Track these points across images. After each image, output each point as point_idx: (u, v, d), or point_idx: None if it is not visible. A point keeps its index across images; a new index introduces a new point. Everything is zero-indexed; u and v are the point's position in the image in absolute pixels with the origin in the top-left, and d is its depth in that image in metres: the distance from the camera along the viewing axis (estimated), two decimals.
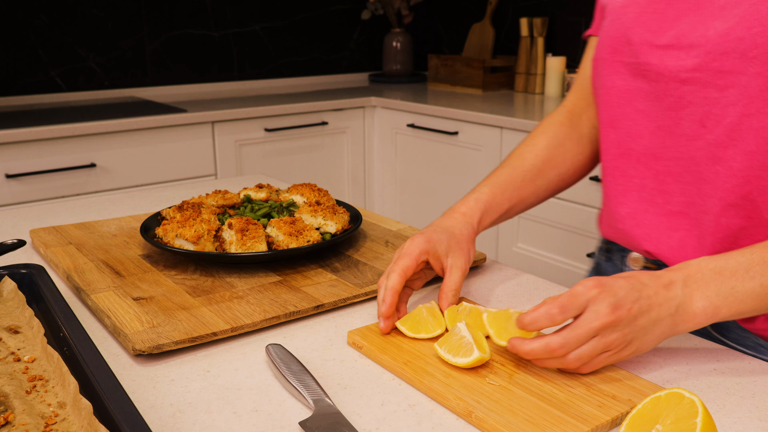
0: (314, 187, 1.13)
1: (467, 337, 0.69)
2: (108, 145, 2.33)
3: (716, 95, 0.76)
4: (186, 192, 1.42)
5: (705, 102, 0.77)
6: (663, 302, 0.67)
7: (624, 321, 0.65)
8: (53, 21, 2.68)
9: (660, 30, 0.81)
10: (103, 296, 0.84)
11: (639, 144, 0.85)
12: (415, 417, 0.63)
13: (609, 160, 0.90)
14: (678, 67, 0.78)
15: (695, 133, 0.79)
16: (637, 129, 0.85)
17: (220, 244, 0.95)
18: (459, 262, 0.82)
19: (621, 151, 0.88)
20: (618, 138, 0.88)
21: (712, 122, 0.77)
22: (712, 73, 0.75)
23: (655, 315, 0.66)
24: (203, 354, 0.74)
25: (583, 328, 0.64)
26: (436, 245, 0.82)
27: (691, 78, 0.77)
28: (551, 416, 0.61)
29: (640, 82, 0.83)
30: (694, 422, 0.51)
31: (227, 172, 2.60)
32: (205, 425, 0.61)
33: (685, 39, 0.78)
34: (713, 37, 0.75)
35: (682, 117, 0.80)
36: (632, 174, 0.87)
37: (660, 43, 0.80)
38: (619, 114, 0.87)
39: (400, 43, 3.39)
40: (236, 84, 3.16)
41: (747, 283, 0.68)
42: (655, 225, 0.86)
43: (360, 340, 0.75)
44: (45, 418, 0.58)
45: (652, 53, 0.81)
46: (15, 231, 1.14)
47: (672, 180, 0.82)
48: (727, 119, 0.75)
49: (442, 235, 0.84)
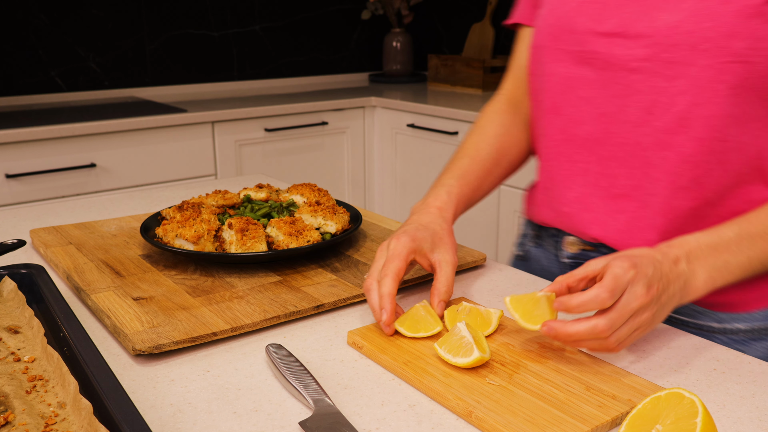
0: (314, 187, 1.13)
1: (467, 337, 0.69)
2: (108, 145, 2.33)
3: (665, 84, 0.80)
4: (186, 192, 1.42)
5: (653, 90, 0.81)
6: (675, 278, 0.71)
7: (654, 300, 0.69)
8: (53, 21, 2.68)
9: (602, 18, 0.83)
10: (103, 296, 0.84)
11: (583, 130, 0.88)
12: (415, 417, 0.63)
13: (553, 146, 0.93)
14: (627, 56, 0.81)
15: (642, 119, 0.82)
16: (581, 115, 0.88)
17: (220, 244, 0.95)
18: (447, 256, 0.83)
19: (565, 137, 0.91)
20: (562, 124, 0.91)
21: (660, 110, 0.81)
22: (662, 63, 0.79)
23: (671, 291, 0.71)
24: (203, 354, 0.74)
25: (625, 309, 0.67)
26: (422, 243, 0.83)
27: (640, 67, 0.81)
28: (551, 416, 0.61)
29: (584, 69, 0.86)
30: (694, 422, 0.51)
31: (227, 172, 2.60)
32: (205, 425, 0.61)
33: (630, 28, 0.81)
34: (662, 29, 0.78)
35: (628, 104, 0.83)
36: (577, 159, 0.90)
37: (603, 30, 0.83)
38: (563, 100, 0.90)
39: (400, 43, 3.39)
40: (236, 84, 3.16)
41: (738, 257, 0.75)
42: (602, 208, 0.89)
43: (360, 340, 0.75)
44: (45, 418, 0.58)
45: (597, 41, 0.84)
46: (15, 231, 1.14)
47: (617, 164, 0.86)
48: (676, 107, 0.79)
49: (425, 232, 0.84)
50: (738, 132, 0.79)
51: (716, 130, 0.79)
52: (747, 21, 0.74)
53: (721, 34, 0.75)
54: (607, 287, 0.66)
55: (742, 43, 0.75)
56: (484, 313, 0.78)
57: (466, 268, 0.98)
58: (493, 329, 0.76)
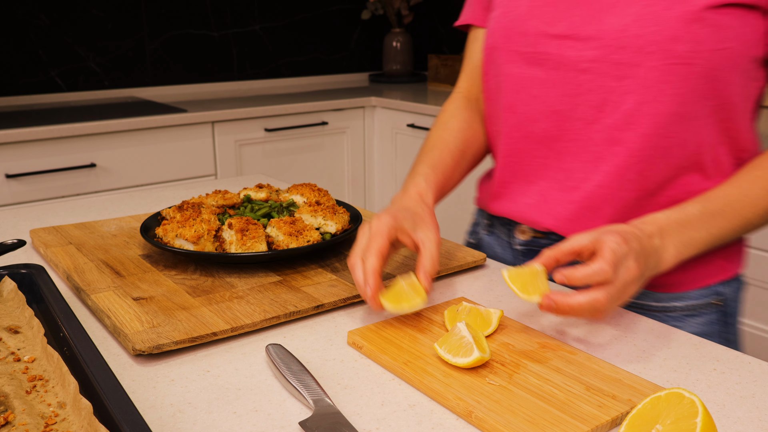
0: (314, 187, 1.13)
1: (467, 337, 0.69)
2: (108, 145, 2.33)
3: (614, 84, 0.85)
4: (186, 192, 1.42)
5: (603, 90, 0.86)
6: (652, 252, 0.77)
7: (642, 272, 0.74)
8: (53, 21, 2.68)
9: (553, 20, 0.88)
10: (103, 296, 0.84)
11: (538, 127, 0.93)
12: (415, 417, 0.63)
13: (511, 142, 0.97)
14: (578, 57, 0.86)
15: (593, 117, 0.87)
16: (535, 113, 0.92)
17: (220, 244, 0.95)
18: (429, 234, 0.84)
19: (522, 134, 0.95)
20: (518, 122, 0.95)
21: (610, 108, 0.86)
22: (611, 64, 0.84)
23: (650, 264, 0.76)
24: (203, 354, 0.74)
25: (622, 283, 0.71)
26: (403, 222, 0.84)
27: (590, 68, 0.86)
28: (551, 416, 0.61)
29: (537, 69, 0.91)
30: (694, 422, 0.51)
31: (227, 172, 2.60)
32: (205, 425, 0.61)
33: (580, 31, 0.86)
34: (610, 32, 0.83)
35: (579, 103, 0.88)
36: (535, 154, 0.95)
37: (554, 33, 0.88)
38: (517, 100, 0.94)
39: (400, 43, 3.39)
40: (236, 84, 3.16)
41: (701, 233, 0.81)
42: (557, 200, 0.94)
43: (360, 340, 0.75)
44: (45, 418, 0.58)
45: (549, 43, 0.88)
46: (15, 231, 1.14)
47: (571, 159, 0.91)
48: (624, 106, 0.85)
49: (406, 213, 0.86)
50: (680, 129, 0.85)
51: (661, 127, 0.84)
52: (688, 26, 0.79)
53: (665, 37, 0.80)
54: (610, 261, 0.70)
55: (684, 46, 0.80)
56: (484, 313, 0.78)
57: (466, 268, 0.98)
58: (493, 329, 0.76)
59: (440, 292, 0.91)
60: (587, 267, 0.70)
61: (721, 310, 0.93)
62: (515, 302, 0.88)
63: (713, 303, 0.92)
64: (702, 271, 0.91)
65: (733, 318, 0.95)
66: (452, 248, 1.02)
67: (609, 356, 0.74)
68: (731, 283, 0.94)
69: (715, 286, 0.93)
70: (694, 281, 0.92)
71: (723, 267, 0.92)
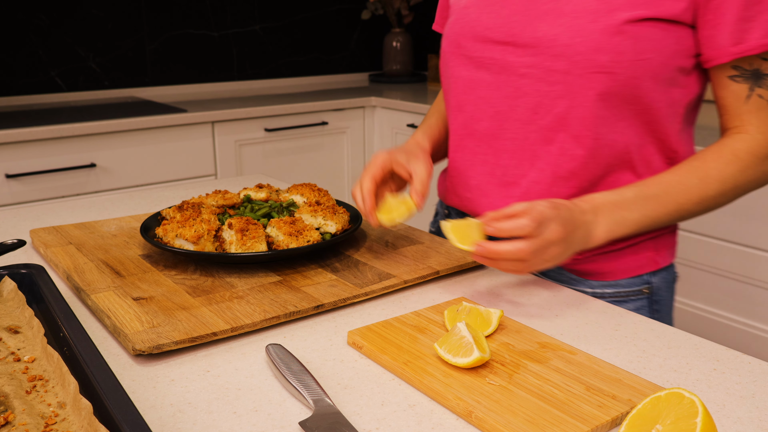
0: (314, 187, 1.13)
1: (467, 337, 0.69)
2: (108, 145, 2.33)
3: (547, 89, 0.92)
4: (186, 192, 1.42)
5: (537, 93, 0.93)
6: (582, 225, 0.86)
7: (565, 238, 0.82)
8: (53, 21, 2.68)
9: (496, 28, 0.96)
10: (103, 296, 0.84)
11: (481, 126, 1.00)
12: (415, 417, 0.63)
13: (457, 139, 1.05)
14: (517, 62, 0.94)
15: (529, 118, 0.95)
16: (480, 113, 1.00)
17: (220, 244, 0.95)
18: (421, 164, 0.98)
19: (467, 132, 1.03)
20: (464, 120, 1.02)
21: (544, 110, 0.93)
22: (544, 70, 0.91)
23: (578, 235, 0.85)
24: (203, 354, 0.74)
25: (544, 240, 0.80)
26: (397, 155, 0.99)
27: (527, 73, 0.93)
28: (551, 416, 0.61)
29: (483, 73, 0.98)
30: (694, 422, 0.51)
31: (227, 172, 2.60)
32: (205, 425, 0.61)
33: (519, 38, 0.93)
34: (544, 41, 0.91)
35: (518, 105, 0.95)
36: (476, 151, 1.02)
37: (497, 39, 0.96)
38: (465, 100, 1.02)
39: (400, 43, 3.39)
40: (236, 84, 3.16)
41: (633, 214, 0.89)
42: (496, 194, 1.01)
43: (360, 340, 0.75)
44: (45, 418, 0.58)
45: (493, 49, 0.96)
46: (15, 231, 1.14)
47: (509, 156, 0.98)
48: (556, 109, 0.92)
49: (401, 150, 1.01)
50: (607, 131, 0.92)
51: (589, 129, 0.91)
52: (610, 38, 0.87)
53: (589, 48, 0.88)
54: (534, 219, 0.79)
55: (606, 56, 0.87)
56: (484, 313, 0.78)
57: (466, 268, 0.98)
58: (493, 329, 0.76)
59: (440, 292, 0.91)
60: (514, 220, 0.79)
61: (650, 297, 1.01)
62: (515, 302, 0.88)
63: (642, 291, 1.00)
64: (633, 262, 0.99)
65: (661, 305, 1.02)
66: (452, 248, 1.03)
67: (609, 356, 0.74)
68: (660, 273, 1.01)
69: (645, 275, 1.00)
70: (625, 271, 0.99)
71: (653, 259, 1.00)
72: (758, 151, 0.91)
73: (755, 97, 0.90)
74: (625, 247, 0.98)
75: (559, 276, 1.01)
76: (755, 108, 0.90)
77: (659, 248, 1.00)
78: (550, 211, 0.81)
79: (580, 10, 0.89)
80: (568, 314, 0.85)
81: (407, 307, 0.86)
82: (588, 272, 0.99)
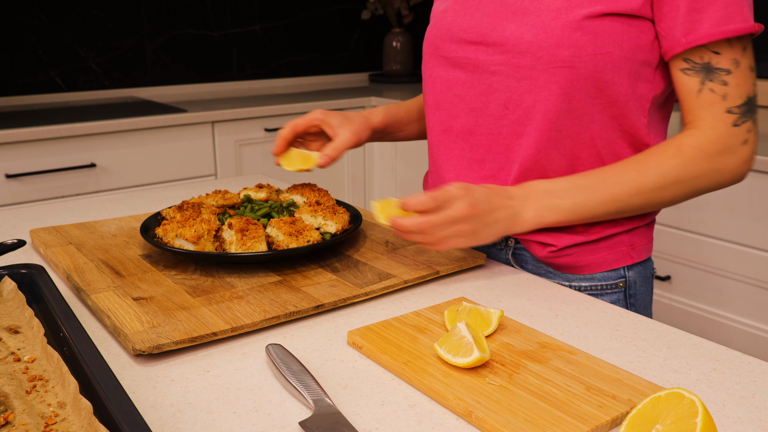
0: (314, 187, 1.13)
1: (467, 337, 0.69)
2: (108, 145, 2.33)
3: (515, 85, 0.96)
4: (186, 192, 1.42)
5: (507, 90, 0.97)
6: (504, 207, 0.91)
7: (475, 216, 0.88)
8: (53, 21, 2.68)
9: (469, 29, 1.00)
10: (103, 296, 0.84)
11: (458, 122, 1.04)
12: (415, 417, 0.63)
13: (435, 135, 1.08)
14: (488, 61, 0.98)
15: (500, 113, 0.98)
16: (456, 110, 1.04)
17: (220, 244, 0.95)
18: (347, 133, 1.11)
19: (444, 128, 1.06)
20: (441, 118, 1.06)
21: (513, 105, 0.97)
22: (512, 67, 0.95)
23: (498, 215, 0.90)
24: (203, 354, 0.74)
25: (445, 215, 0.86)
26: (330, 117, 1.12)
27: (498, 70, 0.97)
28: (551, 416, 0.61)
29: (459, 72, 1.02)
30: (694, 422, 0.51)
31: (227, 172, 2.60)
32: (205, 425, 0.61)
33: (489, 38, 0.97)
34: (510, 39, 0.95)
35: (490, 101, 0.99)
36: (453, 147, 1.05)
37: (471, 39, 1.00)
38: (442, 98, 1.06)
39: (400, 43, 3.39)
40: (236, 84, 3.16)
41: (565, 201, 0.93)
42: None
43: (360, 340, 0.75)
44: (45, 418, 0.58)
45: (467, 48, 1.00)
46: (15, 231, 1.14)
47: (484, 151, 1.02)
48: (524, 104, 0.96)
49: (339, 115, 1.13)
50: (571, 123, 0.95)
51: (552, 122, 0.95)
52: (571, 34, 0.90)
53: (550, 44, 0.91)
54: (435, 197, 0.86)
55: (567, 51, 0.90)
56: (484, 313, 0.78)
57: (466, 268, 0.98)
58: (493, 329, 0.76)
59: (440, 292, 0.91)
60: (417, 197, 0.87)
61: (625, 291, 1.03)
62: (515, 302, 0.88)
63: (618, 285, 1.02)
64: (609, 256, 1.01)
65: (637, 299, 1.04)
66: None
67: (609, 356, 0.74)
68: (635, 267, 1.03)
69: (620, 269, 1.02)
70: (600, 265, 1.01)
71: (628, 253, 1.02)
72: (705, 146, 0.91)
73: (706, 91, 0.91)
74: (601, 239, 1.00)
75: (537, 270, 1.03)
76: (707, 102, 0.91)
77: (635, 243, 1.02)
78: (458, 191, 0.87)
79: (543, 8, 0.92)
80: (568, 314, 0.85)
81: (407, 307, 0.86)
82: (564, 266, 1.02)
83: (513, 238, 1.05)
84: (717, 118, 0.91)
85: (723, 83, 0.90)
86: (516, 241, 1.04)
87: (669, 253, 2.04)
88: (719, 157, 0.91)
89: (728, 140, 0.91)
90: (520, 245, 1.04)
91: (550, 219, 0.93)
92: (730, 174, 0.93)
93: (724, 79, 0.90)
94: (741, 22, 0.88)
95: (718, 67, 0.90)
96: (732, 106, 0.90)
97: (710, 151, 0.91)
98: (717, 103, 0.90)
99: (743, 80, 0.90)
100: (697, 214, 1.96)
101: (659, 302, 2.10)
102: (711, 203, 1.92)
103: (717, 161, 0.91)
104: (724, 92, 0.90)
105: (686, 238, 1.99)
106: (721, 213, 1.90)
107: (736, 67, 0.90)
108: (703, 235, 1.96)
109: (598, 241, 1.00)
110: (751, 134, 0.92)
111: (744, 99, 0.91)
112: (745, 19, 0.88)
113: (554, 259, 1.01)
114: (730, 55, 0.89)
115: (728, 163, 0.92)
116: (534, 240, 1.00)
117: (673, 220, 2.01)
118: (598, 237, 0.99)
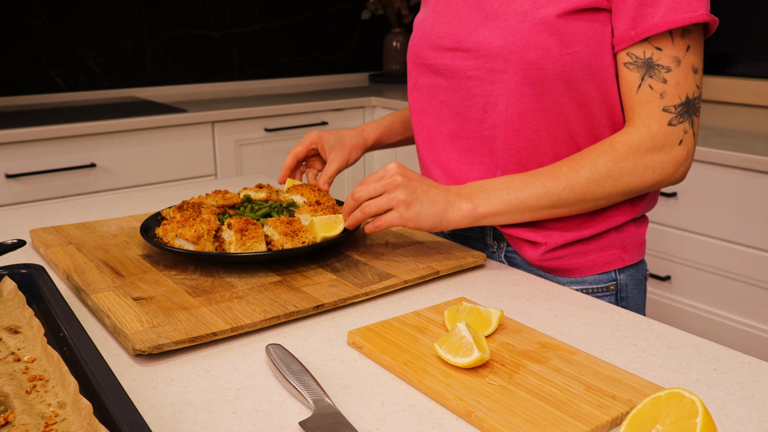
0: (314, 187, 1.13)
1: (467, 337, 0.69)
2: (108, 145, 2.33)
3: (490, 88, 0.98)
4: (186, 192, 1.42)
5: (484, 93, 0.99)
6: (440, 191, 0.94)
7: (408, 186, 0.91)
8: (53, 21, 2.68)
9: (446, 36, 1.02)
10: (103, 296, 0.84)
11: (444, 128, 1.06)
12: (415, 417, 0.63)
13: (422, 140, 1.11)
14: (465, 66, 1.00)
15: (481, 117, 1.01)
16: (442, 116, 1.06)
17: (220, 244, 0.95)
18: (338, 158, 1.17)
19: (431, 134, 1.09)
20: (428, 123, 1.09)
21: (491, 108, 0.99)
22: (486, 71, 0.97)
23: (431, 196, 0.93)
24: (203, 354, 0.74)
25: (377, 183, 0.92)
26: (324, 140, 1.18)
27: (474, 75, 0.99)
28: (551, 416, 0.61)
29: (440, 79, 1.05)
30: (694, 422, 0.51)
31: (227, 172, 2.60)
32: (205, 425, 0.61)
33: (463, 44, 1.00)
34: (483, 44, 0.97)
35: (471, 105, 1.01)
36: (440, 151, 1.08)
37: (448, 46, 1.02)
38: (428, 105, 1.08)
39: (400, 43, 3.39)
40: (236, 84, 3.16)
41: (499, 194, 0.94)
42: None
43: (360, 340, 0.75)
44: (45, 418, 0.58)
45: (446, 55, 1.03)
46: (15, 231, 1.14)
47: (471, 154, 1.04)
48: (499, 106, 0.98)
49: (333, 136, 1.19)
50: (546, 123, 0.96)
51: (527, 122, 0.96)
52: (537, 35, 0.91)
53: (519, 46, 0.92)
54: (375, 173, 0.93)
55: (535, 53, 0.92)
56: (484, 313, 0.78)
57: (466, 268, 0.98)
58: (493, 329, 0.76)
59: (440, 292, 0.91)
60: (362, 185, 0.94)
61: (616, 294, 1.05)
62: (515, 302, 0.88)
63: (609, 288, 1.04)
64: (600, 259, 1.03)
65: (628, 302, 1.06)
66: (452, 248, 1.03)
67: (609, 356, 0.74)
68: (627, 270, 1.04)
69: (612, 272, 1.03)
70: (592, 268, 1.03)
71: (619, 256, 1.03)
72: (637, 143, 0.91)
73: (645, 87, 0.91)
74: (591, 238, 1.01)
75: (533, 271, 1.04)
76: (644, 99, 0.91)
77: (626, 246, 1.03)
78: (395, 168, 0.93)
79: (511, 12, 0.94)
80: (568, 314, 0.85)
81: (407, 307, 0.86)
82: (555, 269, 1.03)
83: (504, 240, 1.06)
84: (652, 115, 0.91)
85: (662, 80, 0.90)
86: (507, 243, 1.05)
87: (669, 253, 2.04)
88: (650, 155, 0.91)
89: (662, 139, 0.91)
90: (511, 248, 1.05)
91: (484, 210, 0.93)
92: (666, 173, 0.92)
93: (663, 77, 0.90)
94: (688, 12, 0.87)
95: (659, 64, 0.90)
96: (669, 105, 0.90)
97: (642, 148, 0.91)
98: (654, 101, 0.90)
99: (683, 79, 0.90)
100: (697, 214, 1.96)
101: (659, 302, 2.10)
102: (711, 203, 1.92)
103: (648, 159, 0.91)
104: (663, 90, 0.90)
105: (686, 238, 1.99)
106: (721, 213, 1.90)
107: (677, 66, 0.90)
108: (703, 235, 1.96)
109: (589, 240, 1.01)
110: (687, 135, 0.92)
111: (683, 99, 0.90)
112: (693, 9, 0.87)
113: (545, 262, 1.02)
114: (672, 52, 0.89)
115: (661, 162, 0.92)
116: (523, 238, 1.01)
117: (673, 220, 2.01)
118: (587, 234, 0.99)
